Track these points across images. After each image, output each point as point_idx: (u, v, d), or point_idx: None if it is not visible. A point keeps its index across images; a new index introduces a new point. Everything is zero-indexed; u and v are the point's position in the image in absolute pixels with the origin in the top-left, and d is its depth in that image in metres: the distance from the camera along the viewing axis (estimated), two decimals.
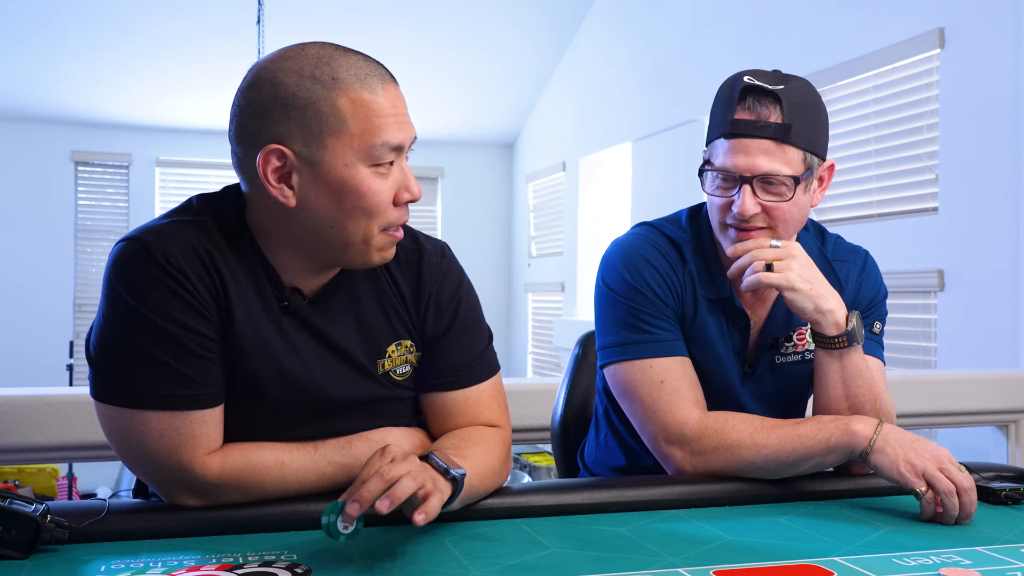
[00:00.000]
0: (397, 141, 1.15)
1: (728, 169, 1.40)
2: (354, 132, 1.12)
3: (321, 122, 1.11)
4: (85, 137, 7.73)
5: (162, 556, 1.04)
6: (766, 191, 1.40)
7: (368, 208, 1.15)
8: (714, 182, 1.44)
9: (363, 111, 1.12)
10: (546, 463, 5.98)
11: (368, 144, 1.13)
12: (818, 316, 1.41)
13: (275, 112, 1.11)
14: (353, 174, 1.13)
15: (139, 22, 6.41)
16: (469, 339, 1.32)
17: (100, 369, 1.13)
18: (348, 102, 1.11)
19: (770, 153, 1.38)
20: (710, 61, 5.27)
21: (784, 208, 1.41)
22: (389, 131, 1.14)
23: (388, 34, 6.73)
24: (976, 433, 2.94)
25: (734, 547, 1.13)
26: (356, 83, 1.12)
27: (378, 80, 1.14)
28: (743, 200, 1.39)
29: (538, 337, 8.05)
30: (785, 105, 1.38)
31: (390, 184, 1.17)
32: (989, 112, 3.42)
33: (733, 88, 1.42)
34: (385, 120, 1.14)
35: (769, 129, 1.38)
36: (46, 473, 5.75)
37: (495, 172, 8.81)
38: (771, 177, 1.39)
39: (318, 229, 1.16)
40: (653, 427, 1.45)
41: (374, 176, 1.15)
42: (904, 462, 1.29)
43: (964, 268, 3.54)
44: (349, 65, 1.13)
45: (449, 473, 1.08)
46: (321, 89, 1.11)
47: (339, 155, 1.12)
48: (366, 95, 1.12)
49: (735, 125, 1.39)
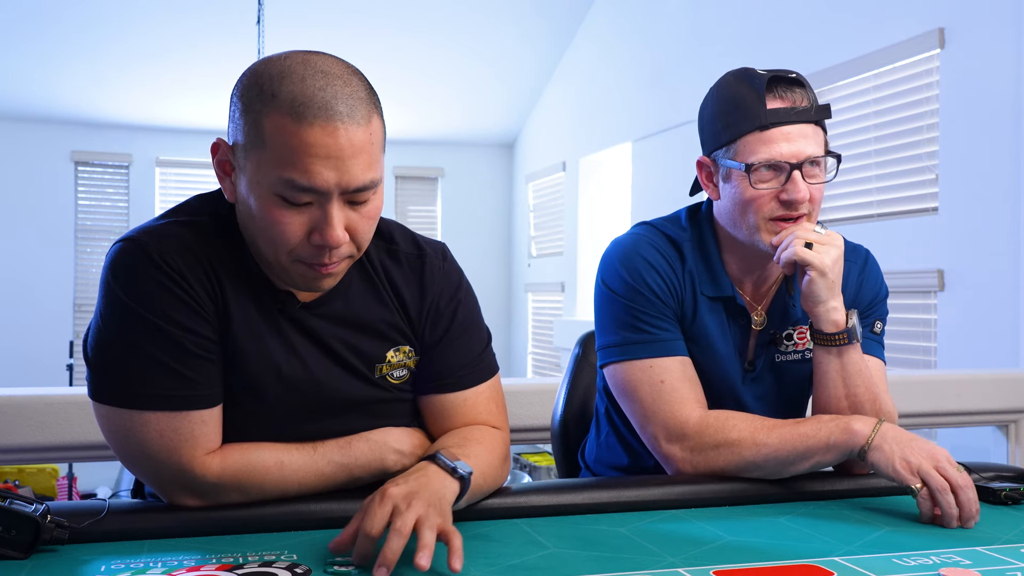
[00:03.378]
0: (311, 184, 1.04)
1: (775, 159, 1.40)
2: (268, 156, 1.05)
3: (251, 134, 1.07)
4: (85, 137, 7.73)
5: (162, 556, 1.04)
6: (807, 175, 1.42)
7: (271, 236, 1.09)
8: (758, 177, 1.42)
9: (281, 139, 1.04)
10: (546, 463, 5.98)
11: (276, 175, 1.05)
12: (822, 310, 1.42)
13: (231, 107, 1.11)
14: (260, 194, 1.07)
15: (139, 22, 6.41)
16: (468, 341, 1.32)
17: (98, 370, 1.13)
18: (271, 124, 1.04)
19: (809, 136, 1.42)
20: (710, 61, 5.26)
21: (822, 189, 1.45)
22: (304, 171, 1.04)
23: (388, 35, 6.73)
24: (976, 433, 2.94)
25: (734, 547, 1.13)
26: (288, 109, 1.03)
27: (323, 115, 1.03)
28: (798, 185, 1.41)
29: (538, 337, 8.05)
30: (809, 89, 1.43)
31: (304, 219, 1.07)
32: (989, 112, 3.42)
33: (753, 83, 1.42)
34: (303, 159, 1.03)
35: (808, 113, 1.41)
36: (46, 473, 5.76)
37: (495, 172, 8.82)
38: (816, 159, 1.42)
39: (251, 238, 1.15)
40: (653, 427, 1.45)
41: (282, 207, 1.07)
42: (900, 459, 1.29)
43: (964, 268, 3.54)
44: (299, 89, 1.04)
45: (457, 472, 1.08)
46: (258, 102, 1.06)
47: (255, 172, 1.07)
48: (290, 125, 1.03)
49: (773, 115, 1.40)
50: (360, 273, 1.25)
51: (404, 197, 8.64)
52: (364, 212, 1.10)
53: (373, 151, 1.08)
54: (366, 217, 1.11)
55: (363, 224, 1.11)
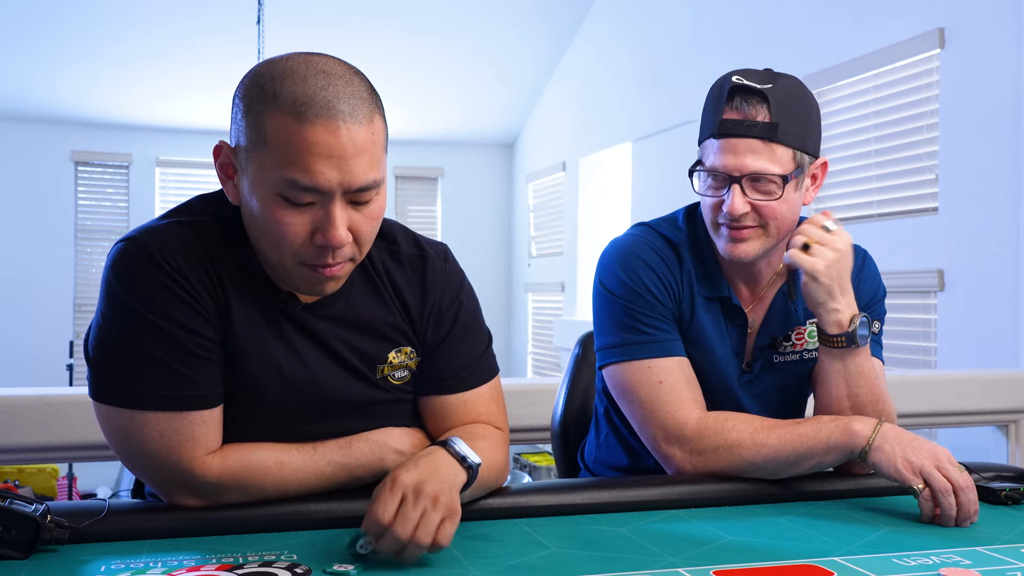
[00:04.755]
0: (313, 184, 1.04)
1: (717, 169, 1.41)
2: (271, 158, 1.05)
3: (252, 135, 1.07)
4: (85, 137, 7.73)
5: (162, 556, 1.04)
6: (756, 190, 1.41)
7: (274, 238, 1.09)
8: (705, 182, 1.45)
9: (283, 139, 1.04)
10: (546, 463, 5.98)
11: (278, 175, 1.05)
12: (823, 312, 1.41)
13: (233, 109, 1.11)
14: (262, 195, 1.07)
15: (139, 23, 6.41)
16: (470, 342, 1.32)
17: (99, 369, 1.13)
18: (273, 125, 1.04)
19: (758, 152, 1.39)
20: (709, 61, 5.27)
21: (774, 207, 1.41)
22: (305, 171, 1.03)
23: (388, 35, 6.73)
24: (976, 433, 2.93)
25: (734, 547, 1.13)
26: (289, 109, 1.03)
27: (324, 115, 1.03)
28: (732, 199, 1.40)
29: (538, 337, 8.05)
30: (772, 104, 1.39)
31: (306, 220, 1.07)
32: (989, 112, 3.42)
33: (722, 88, 1.43)
34: (304, 158, 1.03)
35: (756, 128, 1.39)
36: (46, 473, 5.76)
37: (495, 172, 8.82)
38: (760, 176, 1.40)
39: (255, 240, 1.15)
40: (652, 427, 1.45)
41: (285, 208, 1.06)
42: (902, 459, 1.29)
43: (964, 268, 3.54)
44: (300, 88, 1.04)
45: (466, 461, 1.10)
46: (259, 103, 1.06)
47: (257, 173, 1.07)
48: (292, 125, 1.03)
49: (723, 125, 1.40)
50: (362, 274, 1.25)
51: (404, 197, 8.64)
52: (367, 213, 1.10)
53: (375, 151, 1.08)
54: (369, 218, 1.11)
55: (366, 225, 1.11)
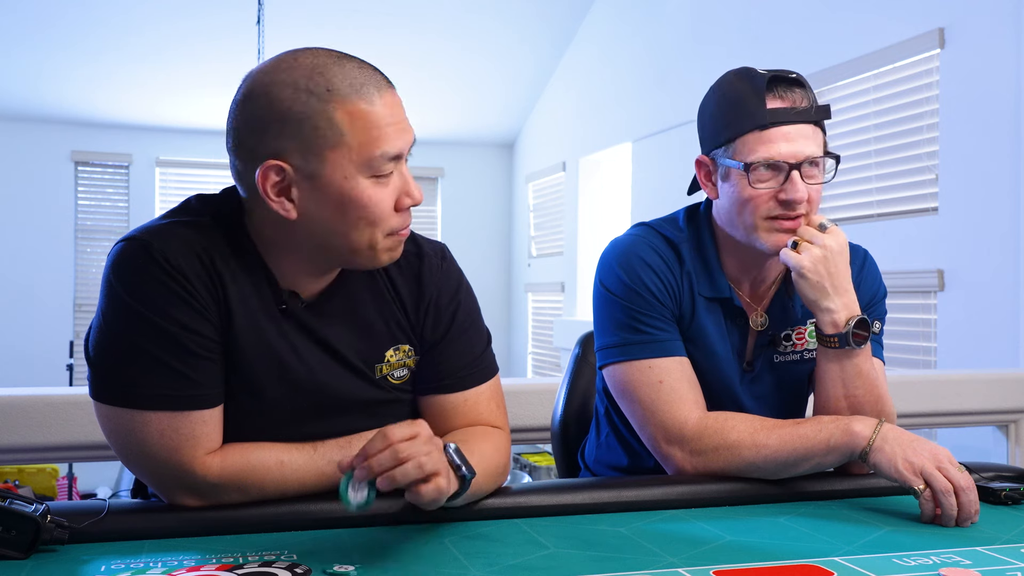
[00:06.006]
0: (396, 150, 1.13)
1: (774, 159, 1.40)
2: (352, 144, 1.10)
3: (318, 136, 1.09)
4: (85, 137, 7.73)
5: (162, 556, 1.04)
6: (805, 175, 1.42)
7: (371, 218, 1.14)
8: (757, 176, 1.41)
9: (361, 123, 1.10)
10: (546, 463, 5.98)
11: (367, 156, 1.11)
12: (817, 310, 1.41)
13: (272, 127, 1.09)
14: (353, 186, 1.12)
15: (140, 23, 6.41)
16: (468, 341, 1.32)
17: (99, 369, 1.13)
18: (345, 114, 1.09)
19: (809, 137, 1.42)
20: (710, 61, 5.26)
21: (819, 190, 1.45)
22: (388, 141, 1.12)
23: (388, 35, 6.73)
24: (976, 433, 2.93)
25: (734, 547, 1.13)
26: (352, 94, 1.10)
27: (374, 88, 1.12)
28: (797, 185, 1.40)
29: (538, 337, 8.05)
30: (809, 90, 1.43)
31: (391, 191, 1.15)
32: (989, 112, 3.42)
33: (753, 82, 1.42)
34: (384, 130, 1.12)
35: (807, 113, 1.41)
36: (46, 473, 5.76)
37: (495, 172, 8.81)
38: (815, 159, 1.42)
39: (321, 239, 1.15)
40: (652, 427, 1.45)
41: (375, 186, 1.13)
42: (902, 460, 1.29)
43: (964, 268, 3.54)
44: (344, 75, 1.10)
45: (460, 471, 1.09)
46: (317, 102, 1.09)
47: (338, 168, 1.11)
48: (363, 106, 1.10)
49: (773, 115, 1.40)
50: (361, 272, 1.25)
51: None
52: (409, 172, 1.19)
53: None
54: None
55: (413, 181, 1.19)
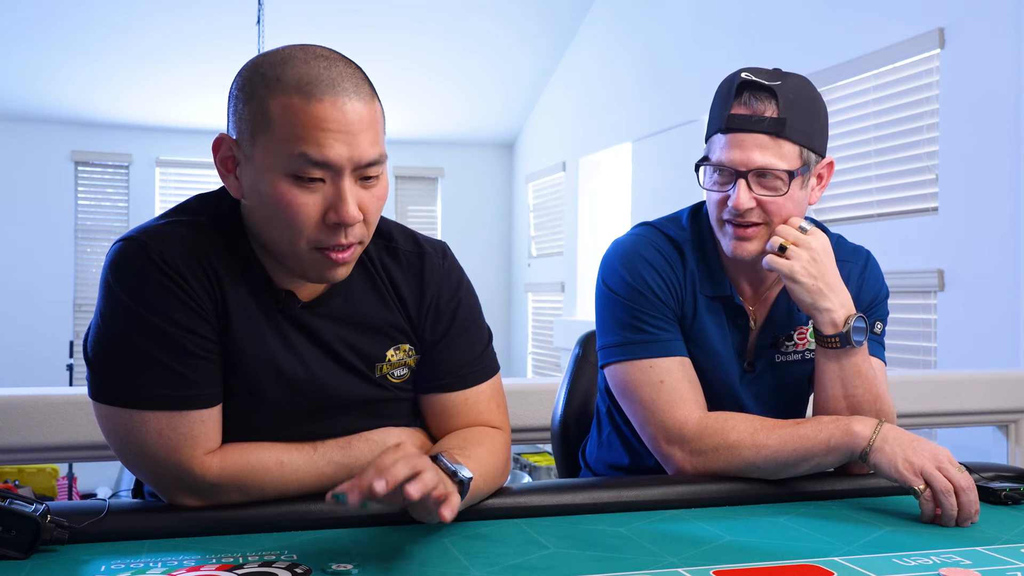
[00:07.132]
0: (323, 158, 1.06)
1: (724, 163, 1.42)
2: (278, 137, 1.07)
3: (254, 120, 1.09)
4: (85, 137, 7.73)
5: (162, 556, 1.04)
6: (761, 185, 1.41)
7: (287, 220, 1.09)
8: (711, 177, 1.45)
9: (290, 118, 1.06)
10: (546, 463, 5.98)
11: (287, 152, 1.06)
12: (814, 312, 1.41)
13: (232, 102, 1.12)
14: (271, 179, 1.08)
15: (140, 23, 6.41)
16: (469, 340, 1.32)
17: (98, 369, 1.13)
18: (278, 105, 1.07)
19: (765, 147, 1.39)
20: (710, 61, 5.27)
21: (779, 202, 1.42)
22: (315, 144, 1.06)
23: (388, 35, 6.73)
24: (976, 433, 2.93)
25: (734, 547, 1.13)
26: (294, 89, 1.06)
27: (328, 90, 1.06)
28: (738, 194, 1.40)
29: (538, 337, 8.05)
30: (780, 100, 1.39)
31: (317, 199, 1.09)
32: (989, 112, 3.42)
33: (731, 84, 1.43)
34: (313, 133, 1.06)
35: (764, 123, 1.39)
36: (46, 473, 5.76)
37: (495, 172, 8.81)
38: (766, 171, 1.40)
39: (264, 235, 1.15)
40: (653, 427, 1.45)
41: (295, 188, 1.08)
42: (903, 460, 1.29)
43: (964, 268, 3.54)
44: (302, 70, 1.07)
45: (457, 476, 1.08)
46: (262, 88, 1.08)
47: (264, 157, 1.08)
48: (298, 101, 1.06)
49: (731, 120, 1.41)
50: (360, 272, 1.25)
51: (404, 197, 8.64)
52: (374, 192, 1.12)
53: (379, 128, 1.12)
54: (376, 197, 1.13)
55: (373, 204, 1.13)
